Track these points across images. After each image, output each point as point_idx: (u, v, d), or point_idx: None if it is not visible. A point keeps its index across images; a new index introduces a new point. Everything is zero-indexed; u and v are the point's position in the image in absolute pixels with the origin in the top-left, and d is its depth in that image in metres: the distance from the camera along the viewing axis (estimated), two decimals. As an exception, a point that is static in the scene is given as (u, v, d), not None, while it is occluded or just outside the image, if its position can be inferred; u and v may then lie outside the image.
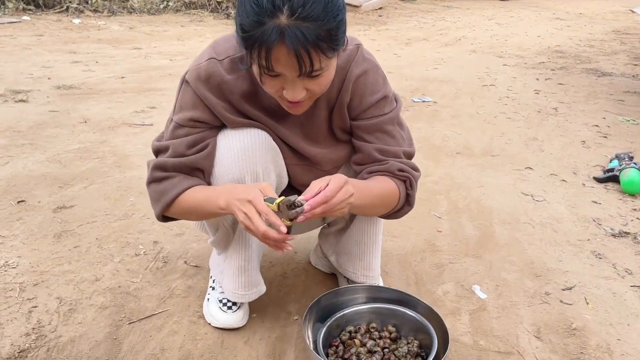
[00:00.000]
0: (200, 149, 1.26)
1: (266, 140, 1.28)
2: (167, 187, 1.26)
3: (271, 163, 1.30)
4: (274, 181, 1.34)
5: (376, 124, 1.31)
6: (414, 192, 1.35)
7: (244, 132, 1.27)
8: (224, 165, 1.26)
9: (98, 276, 1.68)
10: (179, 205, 1.26)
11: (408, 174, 1.31)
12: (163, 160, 1.27)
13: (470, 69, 5.33)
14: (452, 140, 3.16)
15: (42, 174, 2.39)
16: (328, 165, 1.38)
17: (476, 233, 2.07)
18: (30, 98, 3.53)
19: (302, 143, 1.34)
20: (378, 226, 1.52)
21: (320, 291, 1.66)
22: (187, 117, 1.25)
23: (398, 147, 1.33)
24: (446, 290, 1.70)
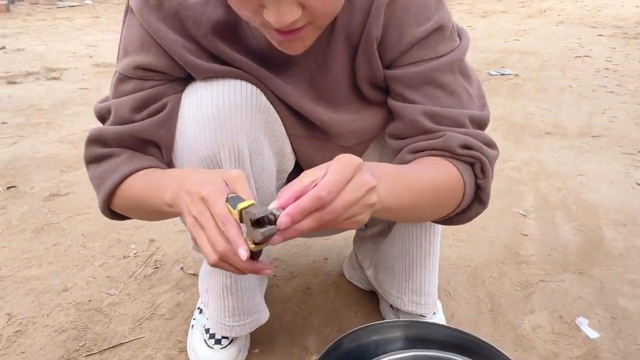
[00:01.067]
0: (152, 111, 0.82)
1: (254, 97, 0.82)
2: (106, 171, 0.84)
3: (263, 132, 0.85)
4: (270, 160, 0.89)
5: (426, 73, 0.81)
6: (488, 183, 0.83)
7: (218, 85, 0.81)
8: (189, 137, 0.81)
9: (68, 285, 1.30)
10: (120, 197, 0.84)
11: (478, 152, 0.81)
12: (101, 130, 0.84)
13: (557, 40, 4.60)
14: (538, 118, 2.56)
15: (47, 155, 2.08)
16: (350, 139, 0.91)
17: (577, 239, 1.51)
18: (64, 76, 3.28)
19: (310, 104, 0.87)
20: (434, 229, 1.02)
21: (354, 317, 1.19)
22: (132, 63, 0.81)
23: (461, 109, 0.83)
24: (537, 323, 1.18)
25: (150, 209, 0.79)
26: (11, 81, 3.08)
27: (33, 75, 3.25)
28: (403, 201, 0.71)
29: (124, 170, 0.81)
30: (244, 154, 0.82)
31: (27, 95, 2.86)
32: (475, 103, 0.87)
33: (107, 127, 0.84)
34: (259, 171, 0.87)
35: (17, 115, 2.53)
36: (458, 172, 0.80)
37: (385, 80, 0.86)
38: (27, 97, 2.81)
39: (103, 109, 0.87)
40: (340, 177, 0.59)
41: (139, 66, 0.81)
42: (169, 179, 0.76)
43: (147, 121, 0.82)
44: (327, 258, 1.43)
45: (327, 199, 0.57)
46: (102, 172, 0.84)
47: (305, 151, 0.93)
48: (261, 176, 0.88)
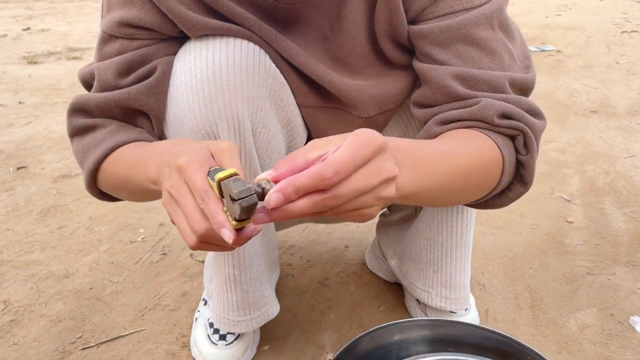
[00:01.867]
0: (140, 76, 0.71)
1: (256, 58, 0.70)
2: (89, 144, 0.74)
3: (268, 100, 0.72)
4: (278, 134, 0.77)
5: (457, 27, 0.68)
6: (532, 159, 0.69)
7: (215, 44, 0.69)
8: (182, 106, 0.69)
9: (70, 271, 1.22)
10: (105, 174, 0.73)
11: (521, 122, 0.67)
12: (84, 98, 0.74)
13: (603, 15, 4.31)
14: (583, 96, 2.36)
15: (61, 135, 2.01)
16: (370, 108, 0.77)
17: (629, 226, 1.35)
18: (86, 55, 3.22)
19: (323, 68, 0.74)
20: (467, 215, 0.89)
21: (376, 312, 1.07)
22: (116, 19, 0.70)
23: (500, 70, 0.69)
24: (584, 322, 1.03)
25: (135, 188, 0.68)
26: (32, 61, 3.04)
27: (54, 55, 3.21)
28: (427, 187, 0.58)
29: (109, 144, 0.71)
30: (246, 125, 0.70)
31: (46, 75, 2.80)
32: (518, 64, 0.72)
33: (91, 94, 0.73)
34: (264, 146, 0.75)
35: (34, 95, 2.47)
36: (496, 147, 0.66)
37: (409, 38, 0.72)
38: (46, 77, 2.76)
39: (87, 74, 0.76)
40: (354, 156, 0.45)
41: (123, 22, 0.69)
42: (153, 152, 0.65)
43: (134, 87, 0.71)
44: (348, 245, 1.31)
45: (332, 181, 0.44)
46: (85, 145, 0.74)
47: (318, 123, 0.80)
48: (267, 152, 0.76)
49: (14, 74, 2.81)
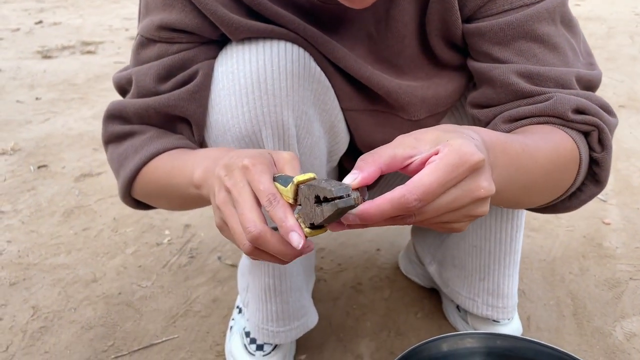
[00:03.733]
0: (180, 81, 0.68)
1: (301, 61, 0.67)
2: (127, 152, 0.71)
3: (312, 105, 0.69)
4: (321, 139, 0.73)
5: (518, 24, 0.64)
6: (608, 157, 0.65)
7: (258, 48, 0.66)
8: (225, 112, 0.66)
9: (98, 275, 1.19)
10: (142, 182, 0.70)
11: (596, 117, 0.63)
12: (121, 104, 0.71)
13: (623, 4, 4.23)
14: (610, 90, 2.30)
15: (80, 133, 1.98)
16: (420, 111, 0.74)
17: (670, 228, 1.31)
18: (100, 50, 3.19)
19: (370, 69, 0.70)
20: (517, 221, 0.85)
21: (413, 319, 1.04)
22: (156, 22, 0.67)
23: (566, 66, 0.65)
24: (631, 331, 0.99)
25: (175, 193, 0.65)
26: (46, 55, 3.02)
27: (68, 50, 3.18)
28: (512, 187, 0.54)
29: (148, 151, 0.68)
30: (290, 131, 0.66)
31: (61, 70, 2.78)
32: (581, 60, 0.69)
33: (129, 100, 0.71)
34: (307, 152, 0.72)
35: (50, 91, 2.45)
36: (573, 143, 0.62)
37: (464, 38, 0.69)
38: (61, 72, 2.74)
39: (122, 79, 0.73)
40: (443, 179, 0.41)
41: (162, 26, 0.66)
42: (200, 157, 0.62)
43: (174, 93, 0.68)
44: (379, 248, 1.27)
45: (415, 207, 0.41)
46: (122, 152, 0.71)
47: (363, 128, 0.77)
48: (309, 159, 0.73)
49: (29, 69, 2.79)
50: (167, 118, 0.70)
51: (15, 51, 3.15)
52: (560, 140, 0.62)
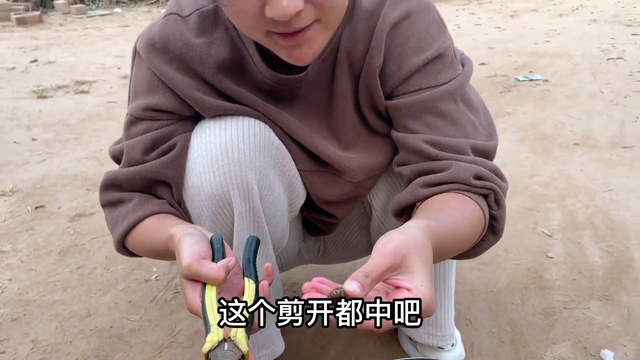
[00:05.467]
0: (162, 151, 0.83)
1: (262, 133, 0.82)
2: (117, 217, 0.85)
3: (272, 168, 0.85)
4: (281, 195, 0.89)
5: (426, 101, 0.81)
6: (503, 214, 0.82)
7: (227, 123, 0.81)
8: (199, 175, 0.82)
9: (91, 310, 1.33)
10: (132, 242, 0.85)
11: (491, 182, 0.79)
12: (114, 174, 0.86)
13: (590, 41, 4.47)
14: (568, 128, 2.49)
15: (74, 173, 2.13)
16: (359, 175, 0.90)
17: (605, 261, 1.46)
18: (93, 89, 3.35)
19: (318, 140, 0.86)
20: (448, 264, 1.01)
21: (372, 347, 1.18)
22: (142, 105, 0.82)
23: (464, 137, 0.81)
24: (560, 355, 1.14)
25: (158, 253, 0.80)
26: (42, 95, 3.17)
27: (63, 89, 3.34)
28: (444, 257, 0.73)
29: (132, 218, 0.82)
30: (254, 190, 0.82)
31: (56, 110, 2.93)
32: (481, 132, 0.85)
33: (120, 170, 0.85)
34: (269, 207, 0.87)
35: (46, 131, 2.60)
36: (479, 209, 0.78)
37: (387, 112, 0.85)
38: (56, 112, 2.89)
39: (117, 151, 0.88)
40: None
41: (148, 107, 0.82)
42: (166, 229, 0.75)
43: (157, 162, 0.83)
44: (346, 282, 1.41)
45: None
46: (114, 217, 0.86)
47: (315, 185, 0.92)
48: (272, 212, 0.88)
49: (25, 108, 2.93)
50: (151, 182, 0.85)
51: (11, 90, 3.31)
52: (472, 211, 0.77)
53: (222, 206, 0.83)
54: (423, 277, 0.58)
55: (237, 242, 0.86)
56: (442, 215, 0.73)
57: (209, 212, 0.84)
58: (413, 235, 0.61)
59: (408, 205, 0.82)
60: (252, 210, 0.83)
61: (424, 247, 0.61)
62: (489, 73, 3.53)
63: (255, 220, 0.85)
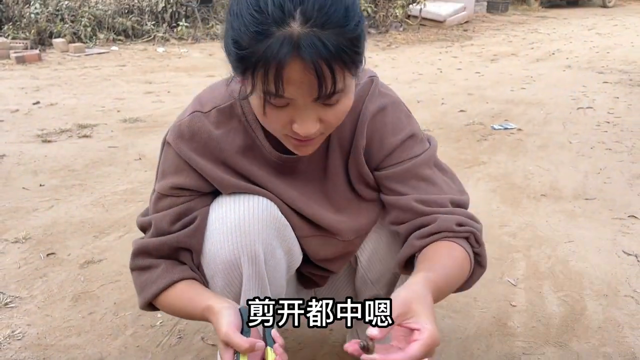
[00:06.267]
0: (185, 223, 1.02)
1: (268, 210, 1.02)
2: (148, 280, 1.03)
3: (275, 238, 1.03)
4: (282, 259, 1.07)
5: (409, 170, 1.03)
6: (483, 249, 1.05)
7: (240, 201, 1.01)
8: (215, 243, 1.01)
9: (104, 354, 1.48)
10: (162, 303, 1.04)
11: (470, 227, 1.01)
12: (145, 242, 1.04)
13: (563, 88, 4.76)
14: (537, 178, 2.71)
15: (81, 220, 2.29)
16: (350, 235, 1.11)
17: (561, 310, 1.66)
18: (95, 133, 3.53)
19: (315, 207, 1.06)
20: None
21: None
22: (169, 184, 1.02)
23: (443, 194, 1.04)
24: (516, 396, 1.32)
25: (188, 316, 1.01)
26: (46, 140, 3.34)
27: (66, 133, 3.51)
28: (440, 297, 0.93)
29: (163, 283, 1.01)
30: (260, 258, 1.01)
31: (60, 155, 3.10)
32: (454, 189, 1.08)
33: (149, 239, 1.03)
34: (271, 270, 1.06)
35: (53, 177, 2.76)
36: (464, 251, 0.99)
37: (375, 181, 1.06)
38: (61, 157, 3.06)
39: (145, 222, 1.06)
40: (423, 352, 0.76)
41: (174, 186, 1.01)
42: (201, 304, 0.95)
43: (181, 233, 1.01)
44: (332, 329, 1.59)
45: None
46: (144, 280, 1.04)
47: (311, 247, 1.12)
48: (273, 273, 1.07)
49: (31, 153, 3.10)
50: (176, 250, 1.03)
51: (16, 134, 3.48)
52: (458, 253, 0.98)
53: (233, 269, 1.02)
54: (427, 318, 0.79)
55: (243, 299, 1.04)
56: (436, 265, 0.95)
57: (222, 274, 1.02)
58: (415, 289, 0.83)
59: (409, 256, 1.04)
60: (257, 273, 1.02)
61: (425, 297, 0.82)
62: (467, 121, 3.78)
63: (260, 282, 1.04)
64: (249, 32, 0.77)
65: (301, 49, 0.75)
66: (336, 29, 0.77)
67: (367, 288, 1.23)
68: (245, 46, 0.78)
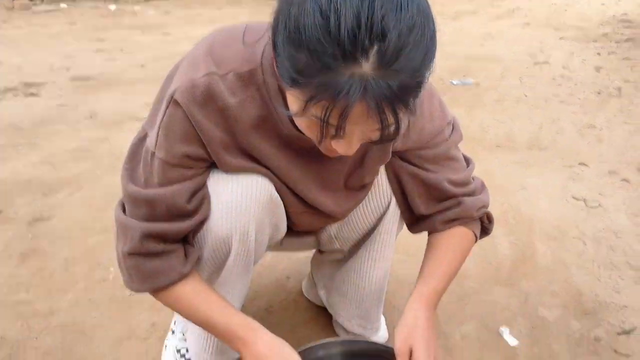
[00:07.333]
0: (199, 199, 0.93)
1: (266, 191, 0.97)
2: (160, 268, 0.92)
3: (267, 216, 1.00)
4: (267, 235, 1.04)
5: (443, 152, 1.02)
6: (492, 225, 1.13)
7: (238, 181, 0.94)
8: (210, 220, 0.95)
9: (54, 308, 1.45)
10: (169, 297, 0.96)
11: (486, 207, 1.08)
12: (159, 227, 0.90)
13: (521, 45, 4.80)
14: (492, 130, 2.75)
15: (28, 178, 2.20)
16: (344, 215, 1.10)
17: (511, 253, 1.70)
18: (43, 92, 3.38)
19: (315, 192, 1.01)
20: (385, 271, 1.20)
21: (310, 332, 1.36)
22: (179, 153, 0.89)
23: (465, 170, 1.06)
24: (466, 333, 1.36)
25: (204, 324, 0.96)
26: (-10, 98, 3.18)
27: (11, 92, 3.35)
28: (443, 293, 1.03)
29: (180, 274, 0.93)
30: (251, 237, 0.98)
31: (7, 113, 2.96)
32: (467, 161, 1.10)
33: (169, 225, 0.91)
34: (258, 245, 1.02)
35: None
36: (474, 235, 1.08)
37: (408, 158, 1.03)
38: (7, 116, 2.92)
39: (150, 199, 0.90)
40: None
41: (186, 155, 0.89)
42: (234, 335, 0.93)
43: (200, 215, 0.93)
44: (289, 277, 1.59)
45: None
46: (152, 269, 0.92)
47: (300, 221, 1.09)
48: (259, 247, 1.04)
49: (-26, 112, 2.95)
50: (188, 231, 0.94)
51: (-43, 93, 3.29)
52: (468, 242, 1.07)
53: (222, 245, 0.97)
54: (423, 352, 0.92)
55: (227, 272, 1.02)
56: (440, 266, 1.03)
57: (210, 247, 0.97)
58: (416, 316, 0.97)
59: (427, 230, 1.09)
60: (246, 251, 0.99)
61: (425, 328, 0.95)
62: (427, 77, 3.77)
63: (247, 258, 1.01)
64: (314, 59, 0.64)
65: (368, 93, 0.64)
66: (409, 73, 0.66)
67: (332, 243, 1.21)
68: (307, 74, 0.66)
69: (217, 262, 1.00)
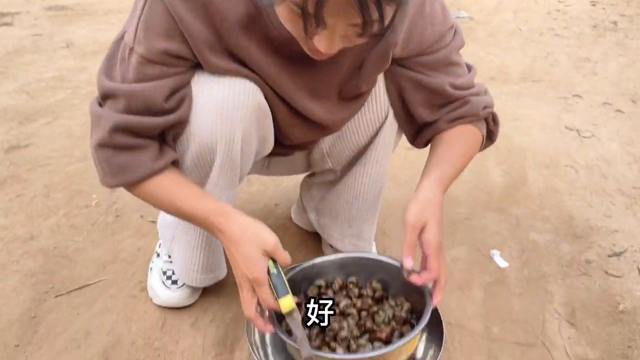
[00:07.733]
0: (179, 99, 0.87)
1: (253, 97, 0.90)
2: (130, 163, 0.87)
3: (255, 126, 0.94)
4: (254, 146, 0.98)
5: (444, 56, 0.97)
6: (498, 127, 1.09)
7: (225, 83, 0.88)
8: (193, 123, 0.89)
9: (34, 234, 1.40)
10: (145, 189, 0.91)
11: (491, 108, 1.04)
12: (132, 120, 0.85)
13: (516, -21, 4.65)
14: (486, 63, 2.68)
15: (4, 107, 2.11)
16: (338, 127, 1.05)
17: (503, 180, 1.68)
18: (16, 21, 3.21)
19: (306, 100, 0.95)
20: (380, 188, 1.16)
21: (299, 256, 1.34)
22: (159, 49, 0.83)
23: (466, 75, 1.01)
24: (457, 255, 1.35)
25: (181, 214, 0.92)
26: (-40, 27, 3.01)
27: (-17, 21, 3.18)
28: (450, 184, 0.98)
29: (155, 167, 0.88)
30: (237, 146, 0.92)
31: (-22, 42, 2.81)
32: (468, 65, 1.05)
33: (138, 117, 0.85)
34: (244, 157, 0.97)
35: (-31, 65, 2.51)
36: (480, 133, 1.03)
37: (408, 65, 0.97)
38: (-22, 45, 2.77)
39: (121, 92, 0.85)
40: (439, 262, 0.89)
41: (165, 52, 0.83)
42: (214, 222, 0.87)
43: (177, 114, 0.87)
44: (277, 203, 1.56)
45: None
46: (124, 161, 0.87)
47: (292, 134, 1.03)
48: (245, 160, 0.98)
49: (-58, 41, 2.80)
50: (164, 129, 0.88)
51: None
52: (474, 139, 1.02)
53: (207, 154, 0.91)
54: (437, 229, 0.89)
55: (211, 184, 0.96)
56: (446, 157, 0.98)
57: (194, 155, 0.92)
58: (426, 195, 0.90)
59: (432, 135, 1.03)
60: (231, 162, 0.94)
61: (434, 203, 0.90)
62: (419, 10, 3.65)
63: (232, 171, 0.96)
64: None
65: None
66: None
67: (324, 162, 1.16)
68: None
69: (202, 172, 0.95)
